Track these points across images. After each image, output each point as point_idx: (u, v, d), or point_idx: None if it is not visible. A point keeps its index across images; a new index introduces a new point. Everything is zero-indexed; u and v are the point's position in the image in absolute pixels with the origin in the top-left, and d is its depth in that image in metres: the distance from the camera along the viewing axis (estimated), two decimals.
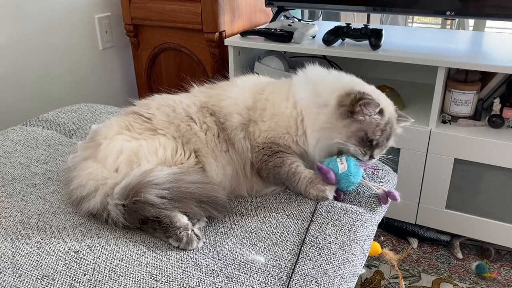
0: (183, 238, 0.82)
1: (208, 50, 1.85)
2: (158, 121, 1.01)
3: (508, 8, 1.48)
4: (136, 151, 0.94)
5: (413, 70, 1.92)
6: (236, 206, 0.98)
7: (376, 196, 1.01)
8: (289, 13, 1.99)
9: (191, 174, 0.91)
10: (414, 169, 1.57)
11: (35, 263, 0.79)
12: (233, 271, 0.78)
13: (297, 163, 1.00)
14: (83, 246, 0.83)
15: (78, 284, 0.74)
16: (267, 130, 1.00)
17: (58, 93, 1.90)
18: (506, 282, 1.50)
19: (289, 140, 1.00)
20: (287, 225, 0.91)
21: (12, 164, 1.15)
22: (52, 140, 1.29)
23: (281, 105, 1.01)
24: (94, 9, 1.98)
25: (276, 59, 1.77)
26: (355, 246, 0.86)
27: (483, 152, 1.45)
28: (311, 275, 0.78)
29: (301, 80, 1.04)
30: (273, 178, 1.01)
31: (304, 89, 1.01)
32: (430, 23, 2.93)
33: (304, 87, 1.01)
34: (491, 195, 1.53)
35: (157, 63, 2.05)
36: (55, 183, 1.06)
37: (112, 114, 1.44)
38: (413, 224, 1.69)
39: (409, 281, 1.51)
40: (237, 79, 1.12)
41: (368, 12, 2.37)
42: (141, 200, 0.83)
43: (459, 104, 1.55)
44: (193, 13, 1.80)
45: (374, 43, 1.56)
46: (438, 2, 1.58)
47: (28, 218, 0.92)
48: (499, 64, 1.39)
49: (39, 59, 1.80)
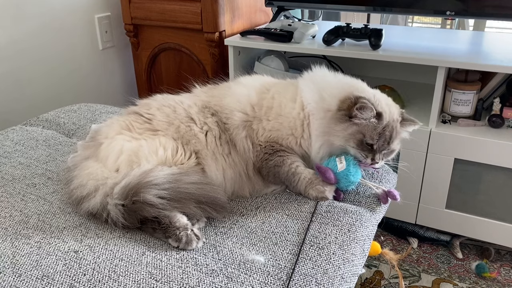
0: (182, 238, 0.82)
1: (208, 50, 1.85)
2: (158, 122, 1.01)
3: (508, 8, 1.48)
4: (136, 151, 0.94)
5: (413, 70, 1.92)
6: (236, 206, 0.98)
7: (376, 196, 1.01)
8: (289, 13, 1.99)
9: (191, 174, 0.91)
10: (414, 169, 1.57)
11: (35, 263, 0.79)
12: (233, 271, 0.78)
13: (297, 163, 1.00)
14: (83, 246, 0.83)
15: (78, 284, 0.74)
16: (271, 130, 1.00)
17: (58, 93, 1.90)
18: (506, 282, 1.50)
19: (292, 142, 1.00)
20: (287, 225, 0.91)
21: (12, 164, 1.15)
22: (52, 140, 1.29)
23: (288, 106, 1.01)
24: (94, 9, 1.98)
25: (276, 59, 1.77)
26: (355, 246, 0.86)
27: (483, 152, 1.45)
28: (311, 275, 0.78)
29: (308, 83, 1.03)
30: (273, 177, 1.01)
31: (311, 92, 1.01)
32: (430, 23, 2.93)
33: (311, 91, 1.01)
34: (491, 195, 1.53)
35: (157, 63, 2.05)
36: (55, 183, 1.06)
37: (112, 114, 1.44)
38: (413, 224, 1.69)
39: (409, 281, 1.51)
40: (241, 78, 1.12)
41: (368, 12, 2.37)
42: (140, 200, 0.83)
43: (459, 104, 1.55)
44: (193, 13, 1.80)
45: (374, 43, 1.56)
46: (438, 2, 1.58)
47: (28, 218, 0.92)
48: (499, 64, 1.39)
49: (39, 59, 1.80)
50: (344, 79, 1.05)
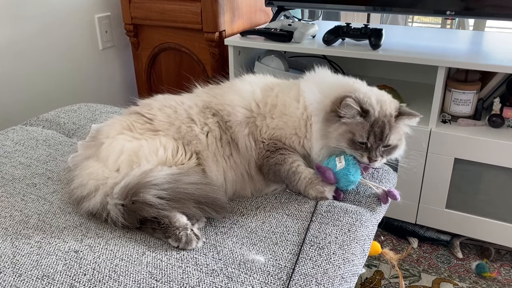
0: (182, 238, 0.82)
1: (208, 50, 1.85)
2: (159, 122, 1.01)
3: (508, 7, 1.48)
4: (137, 151, 0.95)
5: (413, 69, 1.92)
6: (236, 205, 0.98)
7: (376, 195, 1.01)
8: (289, 12, 1.99)
9: (191, 174, 0.91)
10: (414, 169, 1.57)
11: (35, 263, 0.79)
12: (233, 271, 0.78)
13: (298, 162, 1.00)
14: (83, 246, 0.83)
15: (78, 283, 0.74)
16: (274, 128, 1.00)
17: (58, 93, 1.90)
18: (506, 281, 1.50)
19: (295, 142, 1.00)
20: (287, 225, 0.91)
21: (12, 164, 1.15)
22: (52, 140, 1.29)
23: (292, 105, 1.01)
24: (94, 9, 1.98)
25: (276, 58, 1.77)
26: (355, 246, 0.86)
27: (483, 152, 1.45)
28: (311, 275, 0.78)
29: (309, 84, 1.03)
30: (273, 175, 1.01)
31: (312, 93, 1.01)
32: (430, 22, 2.93)
33: (312, 92, 1.01)
34: (491, 194, 1.53)
35: (157, 63, 2.05)
36: (55, 183, 1.06)
37: (112, 114, 1.44)
38: (413, 224, 1.69)
39: (409, 281, 1.51)
40: (246, 76, 1.12)
41: (368, 12, 2.37)
42: (139, 200, 0.83)
43: (459, 104, 1.55)
44: (193, 12, 1.80)
45: (374, 43, 1.56)
46: (438, 1, 1.58)
47: (28, 218, 0.92)
48: (499, 63, 1.39)
49: (39, 59, 1.80)
50: (342, 80, 1.05)
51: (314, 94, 1.00)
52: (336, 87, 1.00)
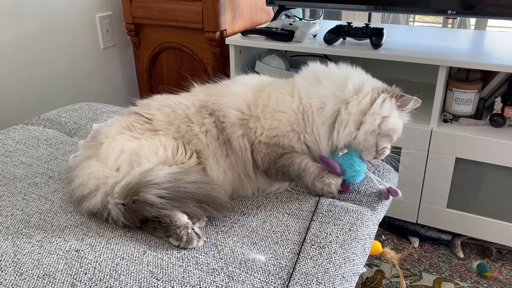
0: (183, 237, 0.83)
1: (209, 49, 1.85)
2: (158, 122, 1.01)
3: (509, 7, 1.48)
4: (137, 150, 0.95)
5: (414, 69, 1.92)
6: (237, 205, 0.98)
7: (377, 192, 1.01)
8: (290, 12, 1.99)
9: (191, 173, 0.91)
10: (415, 168, 1.57)
11: (37, 262, 0.79)
12: (234, 270, 0.78)
13: (305, 160, 1.00)
14: (84, 245, 0.83)
15: (79, 282, 0.74)
16: (269, 129, 1.00)
17: (59, 92, 1.90)
18: (507, 281, 1.49)
19: (294, 139, 0.99)
20: (288, 224, 0.91)
21: (13, 163, 1.15)
22: (53, 139, 1.29)
23: (285, 100, 1.00)
24: (95, 8, 1.98)
25: (277, 58, 1.77)
26: (356, 245, 0.86)
27: (485, 151, 1.45)
28: (312, 274, 0.78)
29: (305, 80, 1.03)
30: (282, 176, 1.01)
31: (309, 89, 1.00)
32: (432, 22, 2.93)
33: (308, 87, 1.01)
34: (493, 194, 1.53)
35: (158, 62, 2.05)
36: (56, 182, 1.06)
37: (113, 113, 1.44)
38: (414, 223, 1.69)
39: (410, 280, 1.51)
40: (239, 77, 1.12)
41: (369, 11, 2.36)
42: (140, 199, 0.83)
43: (460, 103, 1.54)
44: (194, 12, 1.80)
45: (375, 42, 1.56)
46: (439, 1, 1.57)
47: (30, 217, 0.92)
48: (501, 63, 1.39)
49: (40, 58, 1.80)
50: (344, 70, 1.04)
51: (315, 88, 0.99)
52: (326, 83, 1.00)
